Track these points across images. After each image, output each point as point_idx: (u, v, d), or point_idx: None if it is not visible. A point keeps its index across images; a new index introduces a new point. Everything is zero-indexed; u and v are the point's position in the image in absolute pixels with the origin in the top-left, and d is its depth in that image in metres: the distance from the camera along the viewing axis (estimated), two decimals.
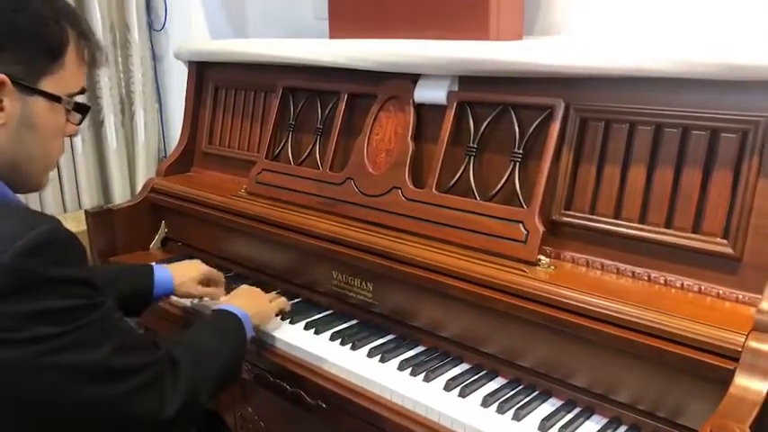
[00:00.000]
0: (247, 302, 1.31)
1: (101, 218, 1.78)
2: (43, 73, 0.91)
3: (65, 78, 0.94)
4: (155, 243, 1.87)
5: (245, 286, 1.42)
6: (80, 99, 0.99)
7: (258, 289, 1.41)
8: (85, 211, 1.79)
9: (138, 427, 0.95)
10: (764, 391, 0.86)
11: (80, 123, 1.02)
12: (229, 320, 1.23)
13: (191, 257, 1.76)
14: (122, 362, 0.90)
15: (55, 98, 0.93)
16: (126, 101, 2.26)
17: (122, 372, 0.90)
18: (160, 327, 1.63)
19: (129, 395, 0.91)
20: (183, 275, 1.44)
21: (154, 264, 1.45)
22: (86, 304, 0.87)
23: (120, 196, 2.24)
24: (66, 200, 2.18)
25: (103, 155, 2.24)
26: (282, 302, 1.42)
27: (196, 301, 1.54)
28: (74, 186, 2.19)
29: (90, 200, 2.20)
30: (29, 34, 0.89)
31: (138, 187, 2.20)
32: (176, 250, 1.83)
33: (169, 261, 1.74)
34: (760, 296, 0.95)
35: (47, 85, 0.92)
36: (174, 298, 1.51)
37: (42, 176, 1.00)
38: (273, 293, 1.46)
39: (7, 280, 0.80)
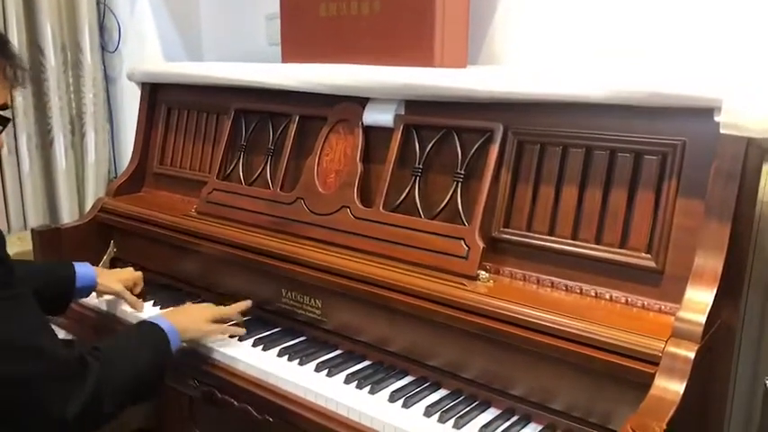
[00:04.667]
0: (181, 318, 1.31)
1: (47, 237, 1.76)
2: None
3: None
4: (103, 263, 1.85)
5: (189, 303, 1.46)
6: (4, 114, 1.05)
7: (203, 306, 1.43)
8: (32, 230, 1.77)
9: (38, 420, 0.94)
10: (681, 392, 0.93)
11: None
12: (152, 331, 1.23)
13: None
14: (30, 342, 0.92)
15: None
16: (76, 121, 2.25)
17: (28, 351, 0.91)
18: (80, 333, 1.67)
19: (33, 379, 0.92)
20: (106, 272, 1.54)
21: (74, 263, 1.50)
22: None
23: (68, 217, 2.21)
24: (12, 219, 2.15)
25: (52, 175, 2.22)
26: (226, 329, 1.40)
27: (124, 308, 1.58)
28: (19, 205, 2.15)
29: (36, 220, 2.16)
30: None
31: (87, 208, 2.18)
32: None
33: None
34: (679, 305, 1.02)
35: None
36: (91, 301, 1.60)
37: None
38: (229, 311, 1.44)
39: None
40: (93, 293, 1.54)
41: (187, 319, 1.33)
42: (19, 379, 0.91)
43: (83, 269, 1.48)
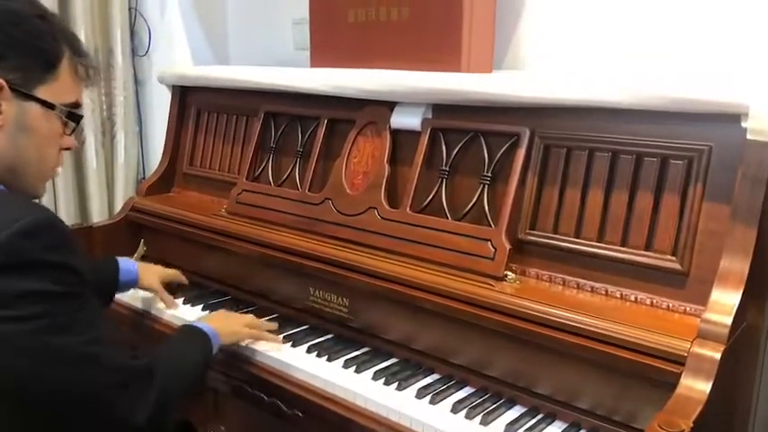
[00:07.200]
0: (218, 322, 1.36)
1: (80, 235, 1.80)
2: (38, 82, 1.01)
3: (59, 89, 1.04)
4: None
5: (221, 310, 1.51)
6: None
7: (234, 313, 1.49)
8: None
9: (111, 428, 1.00)
10: (707, 391, 0.94)
11: (72, 133, 1.10)
12: (197, 334, 1.28)
13: None
14: (104, 352, 0.97)
15: (49, 105, 1.02)
16: (107, 123, 2.31)
17: (104, 361, 0.96)
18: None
19: (108, 388, 0.97)
20: (146, 269, 1.60)
21: (117, 257, 1.57)
22: (74, 292, 0.94)
23: (98, 216, 2.27)
24: None
25: (83, 175, 2.28)
26: (261, 335, 1.42)
27: (158, 306, 1.63)
28: (51, 204, 2.21)
29: (67, 218, 2.22)
30: (26, 46, 0.99)
31: (117, 207, 2.24)
32: None
33: None
34: (704, 308, 1.04)
35: (42, 93, 1.02)
36: (125, 300, 1.66)
37: (39, 183, 1.08)
38: (264, 320, 1.48)
39: (1, 257, 0.87)
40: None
41: (225, 323, 1.37)
42: (100, 386, 0.96)
43: (125, 265, 1.55)
